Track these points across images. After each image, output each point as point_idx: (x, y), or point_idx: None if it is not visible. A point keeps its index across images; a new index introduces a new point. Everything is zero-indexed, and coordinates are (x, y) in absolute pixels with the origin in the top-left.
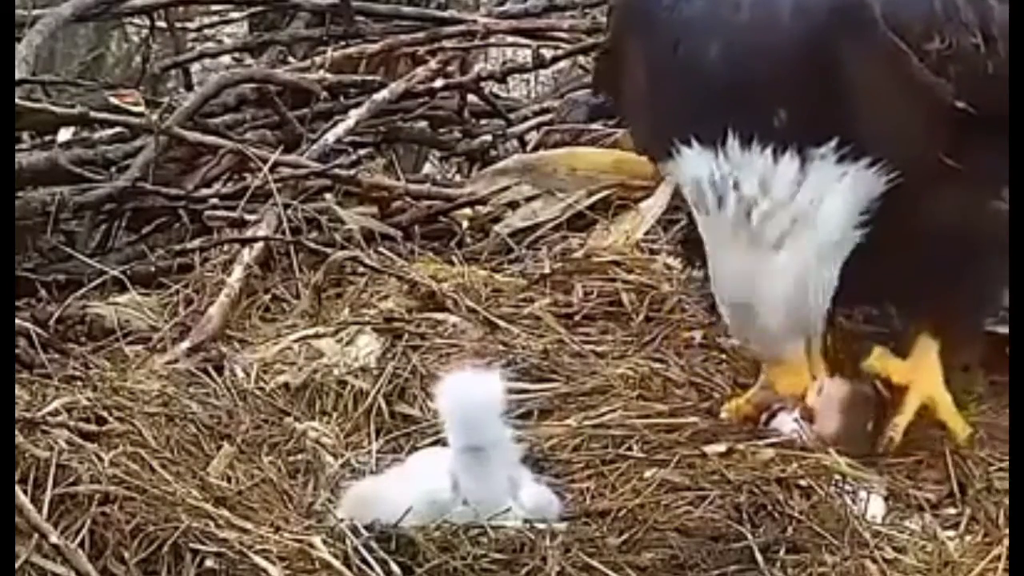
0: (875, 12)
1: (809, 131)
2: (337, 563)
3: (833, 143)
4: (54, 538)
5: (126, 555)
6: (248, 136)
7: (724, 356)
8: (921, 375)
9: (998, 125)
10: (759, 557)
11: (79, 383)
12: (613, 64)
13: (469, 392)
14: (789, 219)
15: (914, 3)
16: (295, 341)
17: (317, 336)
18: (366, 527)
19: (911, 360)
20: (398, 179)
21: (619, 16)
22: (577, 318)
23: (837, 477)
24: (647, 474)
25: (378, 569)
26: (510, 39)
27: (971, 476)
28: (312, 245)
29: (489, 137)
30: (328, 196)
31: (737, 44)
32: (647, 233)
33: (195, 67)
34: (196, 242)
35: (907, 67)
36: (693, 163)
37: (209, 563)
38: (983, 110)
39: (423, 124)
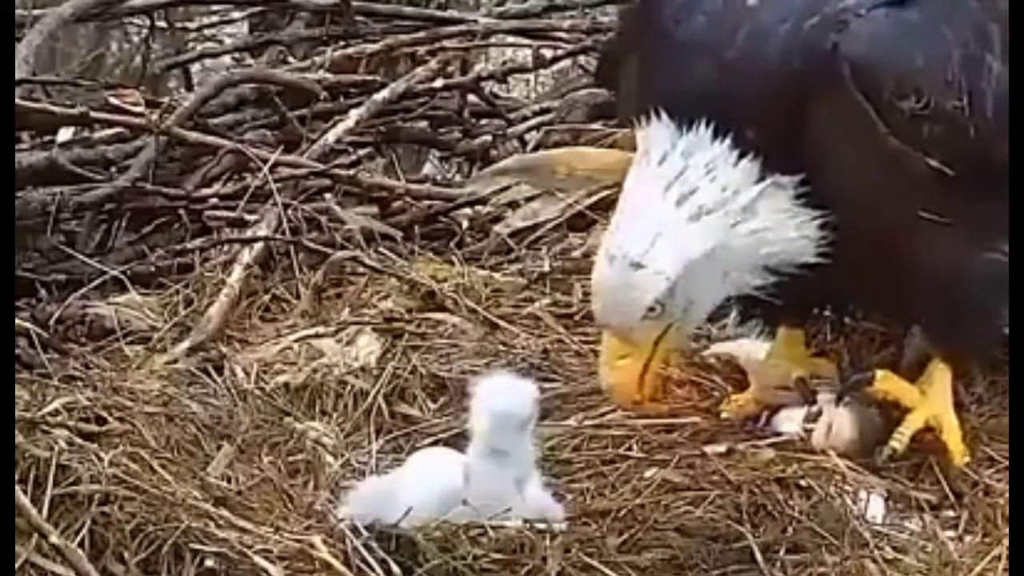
0: (844, 68)
1: (777, 152)
2: (337, 563)
3: (797, 179)
4: (54, 538)
5: (126, 555)
6: (248, 136)
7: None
8: (930, 397)
9: (987, 183)
10: (759, 557)
11: (79, 383)
12: (614, 63)
13: (506, 398)
14: (713, 203)
15: (892, 58)
16: (295, 341)
17: (317, 336)
18: (366, 527)
19: (922, 384)
20: (398, 179)
21: (625, 18)
22: (577, 318)
23: (837, 477)
24: (647, 474)
25: (378, 569)
26: (510, 39)
27: (967, 479)
28: (312, 245)
29: (489, 137)
30: (328, 196)
31: (729, 61)
32: None
33: (195, 67)
34: (196, 242)
35: (870, 126)
36: (659, 131)
37: (209, 563)
38: (964, 171)
39: (423, 124)
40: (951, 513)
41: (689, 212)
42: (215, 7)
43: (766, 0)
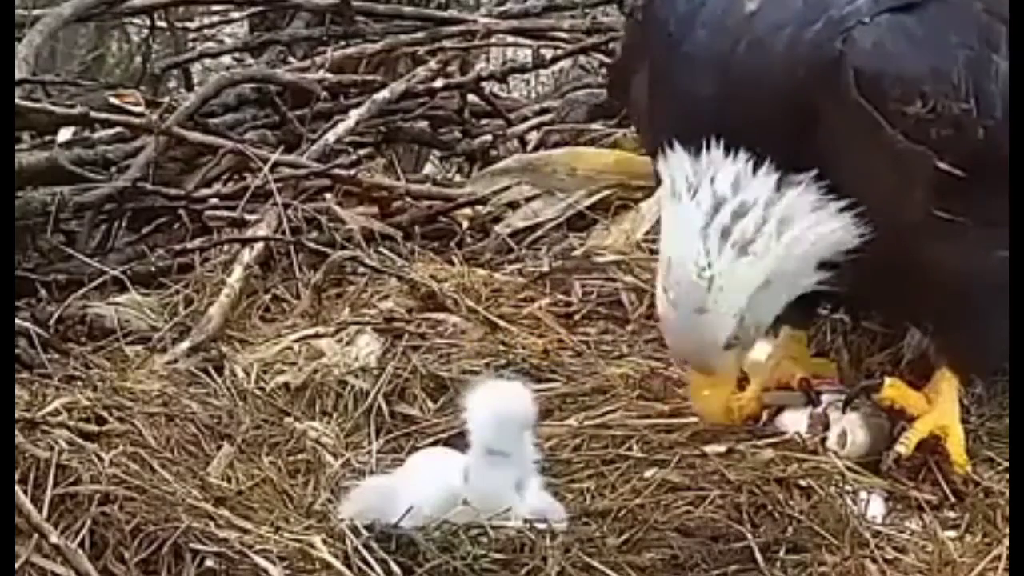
0: (849, 76)
1: (789, 159)
2: (337, 563)
3: (812, 174)
4: (54, 538)
5: (126, 555)
6: (248, 136)
7: None
8: (937, 406)
9: (998, 181)
10: (759, 557)
11: (79, 383)
12: (624, 75)
13: (503, 402)
14: (755, 227)
15: (897, 64)
16: (295, 341)
17: (317, 336)
18: (366, 527)
19: (929, 393)
20: (398, 179)
21: (629, 32)
22: (577, 318)
23: (837, 477)
24: (647, 474)
25: (378, 569)
26: (510, 39)
27: (967, 479)
28: (312, 245)
29: (489, 137)
30: (328, 196)
31: (733, 76)
32: (647, 233)
33: (195, 67)
34: (196, 242)
35: (878, 130)
36: (677, 160)
37: (209, 563)
38: (974, 171)
39: (423, 124)
40: (951, 513)
41: (734, 246)
42: (215, 7)
43: (764, 6)
